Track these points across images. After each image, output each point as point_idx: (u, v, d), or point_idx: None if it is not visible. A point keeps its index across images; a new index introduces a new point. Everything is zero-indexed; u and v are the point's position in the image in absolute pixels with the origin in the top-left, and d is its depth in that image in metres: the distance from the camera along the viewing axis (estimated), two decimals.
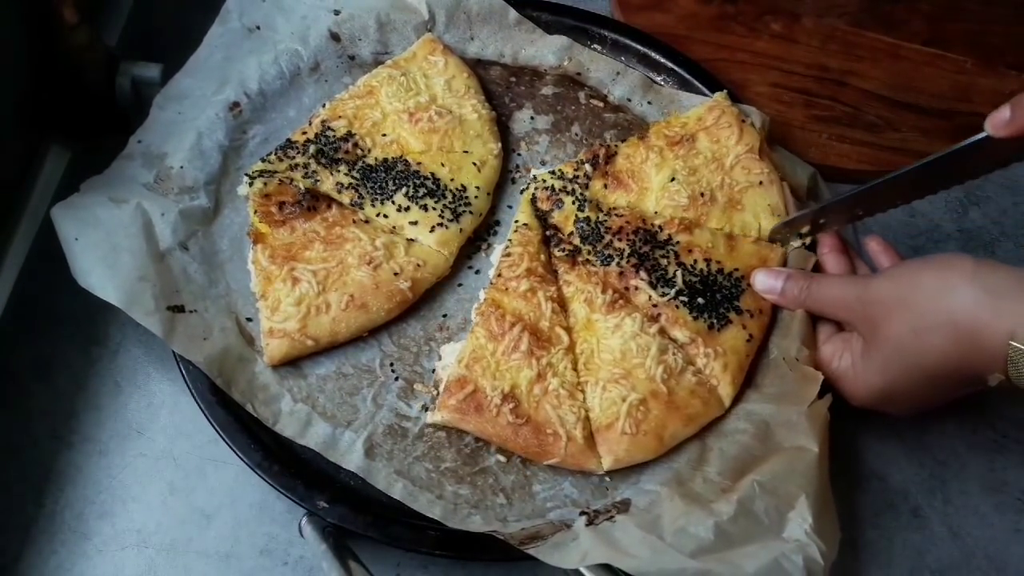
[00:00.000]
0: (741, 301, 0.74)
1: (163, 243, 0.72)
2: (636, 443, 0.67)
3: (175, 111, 0.79)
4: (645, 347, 0.70)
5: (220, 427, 0.67)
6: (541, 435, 0.67)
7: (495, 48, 0.88)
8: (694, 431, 0.69)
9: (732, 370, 0.71)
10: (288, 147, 0.79)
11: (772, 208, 0.78)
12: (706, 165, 0.80)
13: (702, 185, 0.79)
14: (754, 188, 0.79)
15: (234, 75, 0.81)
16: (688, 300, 0.73)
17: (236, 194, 0.77)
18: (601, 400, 0.69)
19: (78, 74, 0.77)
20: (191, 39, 0.83)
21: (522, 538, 0.64)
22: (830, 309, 0.73)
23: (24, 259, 0.74)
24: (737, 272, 0.76)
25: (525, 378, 0.69)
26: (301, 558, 0.68)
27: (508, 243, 0.76)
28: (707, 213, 0.78)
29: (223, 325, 0.71)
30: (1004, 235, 0.89)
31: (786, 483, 0.64)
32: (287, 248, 0.73)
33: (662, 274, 0.74)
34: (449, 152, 0.79)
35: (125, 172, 0.75)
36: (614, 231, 0.76)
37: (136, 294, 0.68)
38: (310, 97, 0.84)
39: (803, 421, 0.68)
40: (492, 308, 0.72)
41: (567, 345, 0.71)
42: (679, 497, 0.65)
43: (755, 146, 0.80)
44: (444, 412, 0.68)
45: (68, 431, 0.72)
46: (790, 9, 0.99)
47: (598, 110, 0.87)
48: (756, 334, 0.73)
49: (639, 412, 0.68)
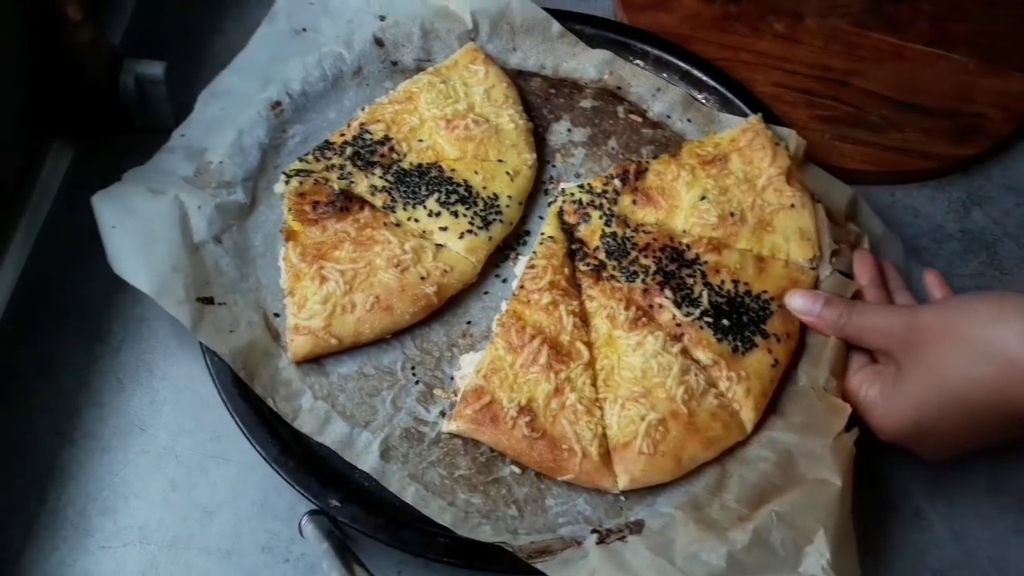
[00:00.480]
0: (768, 325, 0.72)
1: (198, 235, 0.74)
2: (653, 464, 0.66)
3: (218, 107, 0.81)
4: (667, 366, 0.69)
5: (240, 419, 0.68)
6: (556, 450, 0.66)
7: (536, 60, 0.88)
8: (714, 455, 0.68)
9: (755, 395, 0.69)
10: (326, 148, 0.80)
11: (803, 232, 0.77)
12: (737, 185, 0.79)
13: (732, 205, 0.78)
14: (785, 210, 0.78)
15: (278, 75, 0.83)
16: (713, 321, 0.72)
17: (272, 191, 0.79)
18: (619, 418, 0.68)
19: (81, 72, 0.77)
20: (195, 37, 0.85)
21: (531, 551, 0.63)
22: (870, 337, 0.70)
23: (27, 256, 0.74)
24: (766, 295, 0.74)
25: (543, 392, 0.68)
26: (302, 555, 0.68)
27: (533, 255, 0.76)
28: (736, 233, 0.77)
29: (250, 319, 0.72)
30: (1006, 235, 0.88)
31: (805, 516, 0.62)
32: (318, 247, 0.74)
33: (687, 293, 0.73)
34: (483, 160, 0.80)
35: (166, 164, 0.77)
36: (640, 248, 0.75)
37: (167, 284, 0.69)
38: (351, 100, 0.85)
39: (827, 453, 0.66)
40: (513, 320, 0.71)
41: (587, 360, 0.70)
42: (694, 522, 0.64)
43: (787, 169, 0.79)
44: (460, 422, 0.68)
45: (70, 428, 0.72)
46: (793, 9, 0.98)
47: (636, 125, 0.86)
48: (782, 359, 0.72)
49: (658, 432, 0.67)
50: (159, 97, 0.83)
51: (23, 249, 0.74)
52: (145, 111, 0.84)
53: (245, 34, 0.86)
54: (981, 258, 0.87)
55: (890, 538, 0.71)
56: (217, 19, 0.94)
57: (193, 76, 0.88)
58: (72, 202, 0.78)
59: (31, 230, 0.75)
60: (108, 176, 0.75)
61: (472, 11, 0.87)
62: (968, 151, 0.91)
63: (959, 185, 0.91)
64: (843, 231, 0.79)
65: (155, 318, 0.77)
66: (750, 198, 0.78)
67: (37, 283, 0.75)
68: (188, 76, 0.88)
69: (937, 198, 0.89)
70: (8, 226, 0.74)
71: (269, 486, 0.70)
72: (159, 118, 0.84)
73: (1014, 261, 0.87)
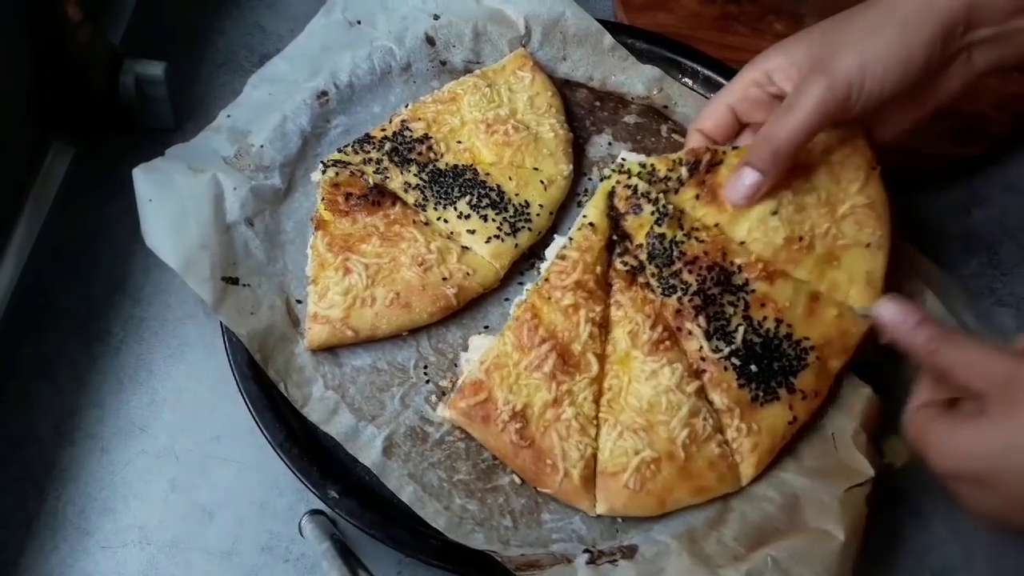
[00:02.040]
0: (798, 379, 0.67)
1: (230, 216, 0.75)
2: (636, 500, 0.65)
3: (266, 92, 0.82)
4: (676, 405, 0.66)
5: (251, 402, 0.69)
6: (540, 463, 0.66)
7: (585, 71, 0.87)
8: (700, 501, 0.66)
9: (761, 451, 0.66)
10: (365, 141, 0.80)
11: (870, 277, 0.70)
12: (816, 207, 0.70)
13: (804, 228, 0.70)
14: (859, 248, 0.70)
15: (327, 65, 0.84)
16: (740, 365, 0.67)
17: (309, 179, 0.80)
18: (614, 446, 0.66)
19: (81, 72, 0.77)
20: (195, 37, 0.85)
21: (520, 563, 0.63)
22: (963, 373, 0.60)
23: (28, 256, 0.74)
24: (807, 342, 0.68)
25: (540, 399, 0.67)
26: (302, 555, 0.69)
27: (568, 243, 0.71)
28: (798, 261, 0.70)
29: (272, 303, 0.73)
30: (1006, 236, 0.88)
31: (802, 566, 0.61)
32: (345, 238, 0.74)
33: (723, 325, 0.68)
34: (519, 167, 0.79)
35: (209, 143, 0.78)
36: (688, 260, 0.69)
37: (194, 261, 0.71)
38: (396, 96, 0.85)
39: (835, 504, 0.64)
40: (528, 315, 0.69)
41: (595, 375, 0.68)
42: (688, 554, 0.63)
43: (876, 203, 0.71)
44: (453, 412, 0.68)
45: (70, 427, 0.73)
46: (793, 9, 0.97)
47: (679, 146, 0.85)
48: (801, 417, 0.68)
49: (649, 470, 0.65)
50: (159, 97, 0.84)
51: (23, 249, 0.74)
52: (145, 111, 0.84)
53: (245, 34, 0.87)
54: (981, 258, 0.87)
55: (890, 538, 0.70)
56: (217, 19, 0.95)
57: (193, 76, 0.90)
58: (72, 202, 0.79)
59: (31, 230, 0.75)
60: (108, 176, 0.76)
61: (526, 17, 0.87)
62: (968, 151, 0.90)
63: (959, 185, 0.90)
64: None
65: (155, 318, 0.78)
66: (825, 224, 0.70)
67: (37, 283, 0.76)
68: (188, 76, 0.89)
69: (937, 198, 0.89)
70: (8, 226, 0.74)
71: (269, 486, 0.71)
72: (159, 118, 0.85)
73: (1014, 261, 0.87)
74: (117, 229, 0.81)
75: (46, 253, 0.76)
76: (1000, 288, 0.86)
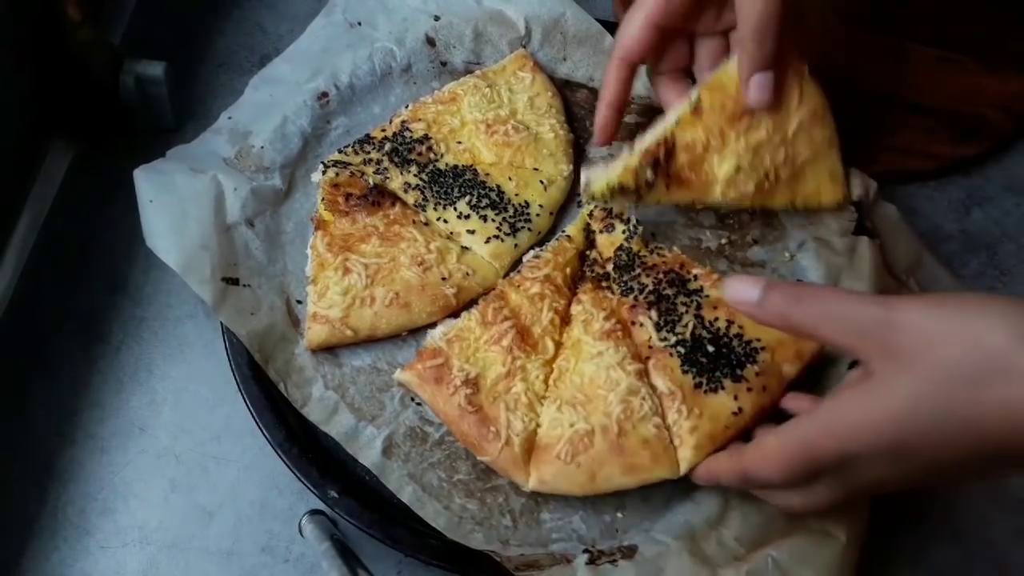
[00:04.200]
0: (745, 371, 0.67)
1: (231, 217, 0.75)
2: (565, 472, 0.65)
3: (267, 93, 0.82)
4: (616, 381, 0.66)
5: (251, 402, 0.69)
6: (484, 428, 0.66)
7: (586, 71, 0.87)
8: (634, 484, 0.65)
9: (700, 436, 0.64)
10: (366, 142, 0.81)
11: (832, 174, 0.75)
12: (769, 141, 0.73)
13: (767, 166, 0.74)
14: (816, 156, 0.75)
15: (328, 66, 0.84)
16: (685, 353, 0.68)
17: (309, 180, 0.80)
18: (551, 419, 0.66)
19: (82, 72, 0.77)
20: (195, 37, 0.85)
21: (519, 563, 0.63)
22: (830, 329, 0.53)
23: (27, 256, 0.74)
24: (757, 343, 0.68)
25: (494, 372, 0.68)
26: (302, 555, 0.69)
27: (545, 247, 0.76)
28: (773, 193, 0.75)
29: (272, 303, 0.73)
30: (1006, 236, 0.87)
31: (802, 566, 0.61)
32: (345, 238, 0.75)
33: (673, 319, 0.70)
34: (519, 168, 0.79)
35: (210, 144, 0.79)
36: (647, 267, 0.73)
37: (195, 261, 0.71)
38: (397, 97, 0.85)
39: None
40: (496, 299, 0.71)
41: (549, 357, 0.69)
42: (688, 554, 0.62)
43: (817, 108, 0.74)
44: (407, 373, 0.69)
45: (70, 428, 0.73)
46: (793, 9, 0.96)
47: None
48: (747, 410, 0.66)
49: (582, 443, 0.65)
50: (159, 97, 0.84)
51: (23, 249, 0.74)
52: (145, 111, 0.84)
53: (245, 34, 0.87)
54: (981, 258, 0.87)
55: (890, 538, 0.70)
56: (217, 19, 0.95)
57: (193, 76, 0.90)
58: (72, 202, 0.79)
59: (31, 230, 0.75)
60: (108, 176, 0.76)
61: (526, 17, 0.87)
62: (968, 151, 0.90)
63: (959, 185, 0.90)
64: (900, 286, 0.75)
65: (155, 318, 0.78)
66: (782, 152, 0.74)
67: (37, 283, 0.76)
68: (188, 76, 0.89)
69: (937, 198, 0.89)
70: (8, 226, 0.74)
71: (269, 486, 0.70)
72: (159, 118, 0.85)
73: (1014, 261, 0.87)
74: (117, 229, 0.81)
75: (46, 253, 0.76)
76: (1000, 288, 0.86)
